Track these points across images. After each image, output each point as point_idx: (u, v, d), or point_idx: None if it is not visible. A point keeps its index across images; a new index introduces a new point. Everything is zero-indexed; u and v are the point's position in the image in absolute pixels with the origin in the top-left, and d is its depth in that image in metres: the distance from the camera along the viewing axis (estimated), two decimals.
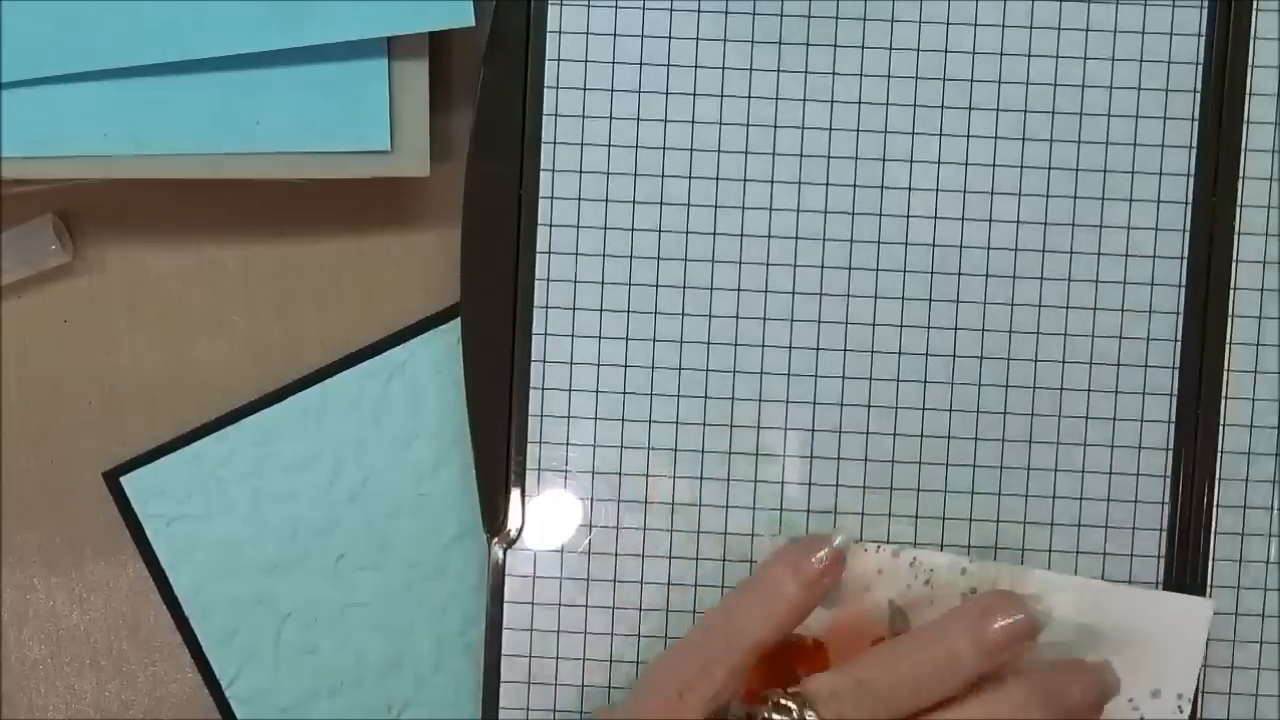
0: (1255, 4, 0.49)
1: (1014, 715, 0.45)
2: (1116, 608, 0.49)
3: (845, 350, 0.50)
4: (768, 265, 0.50)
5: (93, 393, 0.53)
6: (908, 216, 0.50)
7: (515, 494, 0.50)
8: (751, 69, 0.50)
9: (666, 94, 0.50)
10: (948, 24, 0.50)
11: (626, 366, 0.50)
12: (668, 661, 0.47)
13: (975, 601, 0.47)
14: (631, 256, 0.50)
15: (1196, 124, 0.50)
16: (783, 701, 0.44)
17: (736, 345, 0.50)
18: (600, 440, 0.50)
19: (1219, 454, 0.50)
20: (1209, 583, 0.50)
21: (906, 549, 0.50)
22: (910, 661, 0.45)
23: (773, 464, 0.50)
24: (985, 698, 0.45)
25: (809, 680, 0.45)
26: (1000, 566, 0.50)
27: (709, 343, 0.50)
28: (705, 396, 0.50)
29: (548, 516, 0.50)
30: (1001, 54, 0.50)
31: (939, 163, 0.50)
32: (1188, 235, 0.50)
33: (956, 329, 0.50)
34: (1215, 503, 0.50)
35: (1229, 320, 0.50)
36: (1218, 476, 0.50)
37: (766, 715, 0.44)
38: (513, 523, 0.50)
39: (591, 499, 0.50)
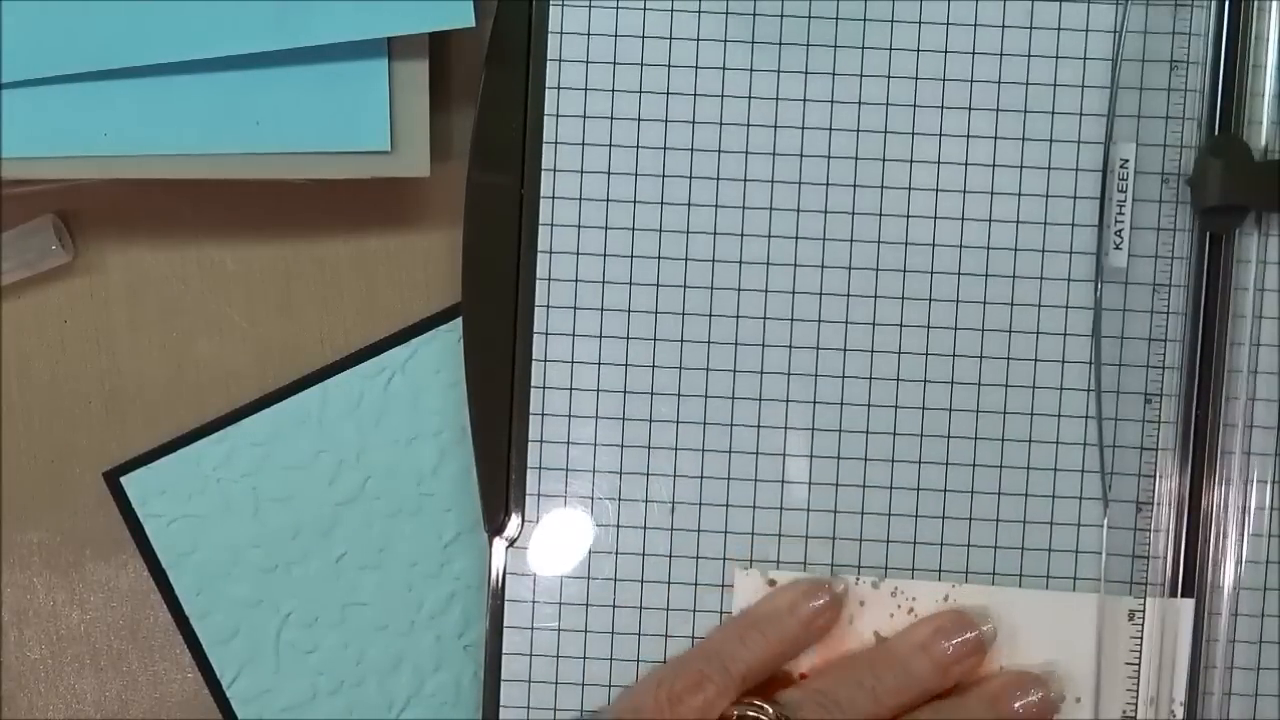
0: (1256, 4, 0.49)
1: None
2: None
3: (845, 350, 0.50)
4: (768, 265, 0.50)
5: (93, 393, 0.53)
6: (908, 216, 0.50)
7: (516, 493, 0.50)
8: (752, 69, 0.50)
9: (667, 94, 0.50)
10: (948, 24, 0.50)
11: (627, 365, 0.50)
12: (663, 673, 0.49)
13: (930, 621, 0.50)
14: (632, 256, 0.50)
15: (1198, 124, 0.50)
16: (760, 703, 0.47)
17: (737, 344, 0.50)
18: (601, 439, 0.50)
19: (1219, 453, 0.50)
20: (1209, 583, 0.50)
21: (887, 579, 0.50)
22: (871, 675, 0.48)
23: (773, 463, 0.50)
24: (938, 707, 0.49)
25: (780, 694, 0.48)
26: (981, 590, 0.50)
27: (709, 342, 0.50)
28: (706, 395, 0.50)
29: (548, 515, 0.50)
30: (1001, 54, 0.50)
31: (939, 163, 0.50)
32: (1189, 235, 0.50)
33: (956, 329, 0.50)
34: (1215, 503, 0.50)
35: (1229, 320, 0.50)
36: (1218, 476, 0.50)
37: (739, 713, 0.47)
38: (513, 522, 0.50)
39: (592, 498, 0.50)
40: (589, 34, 0.50)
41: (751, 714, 0.47)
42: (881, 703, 0.48)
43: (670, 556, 0.50)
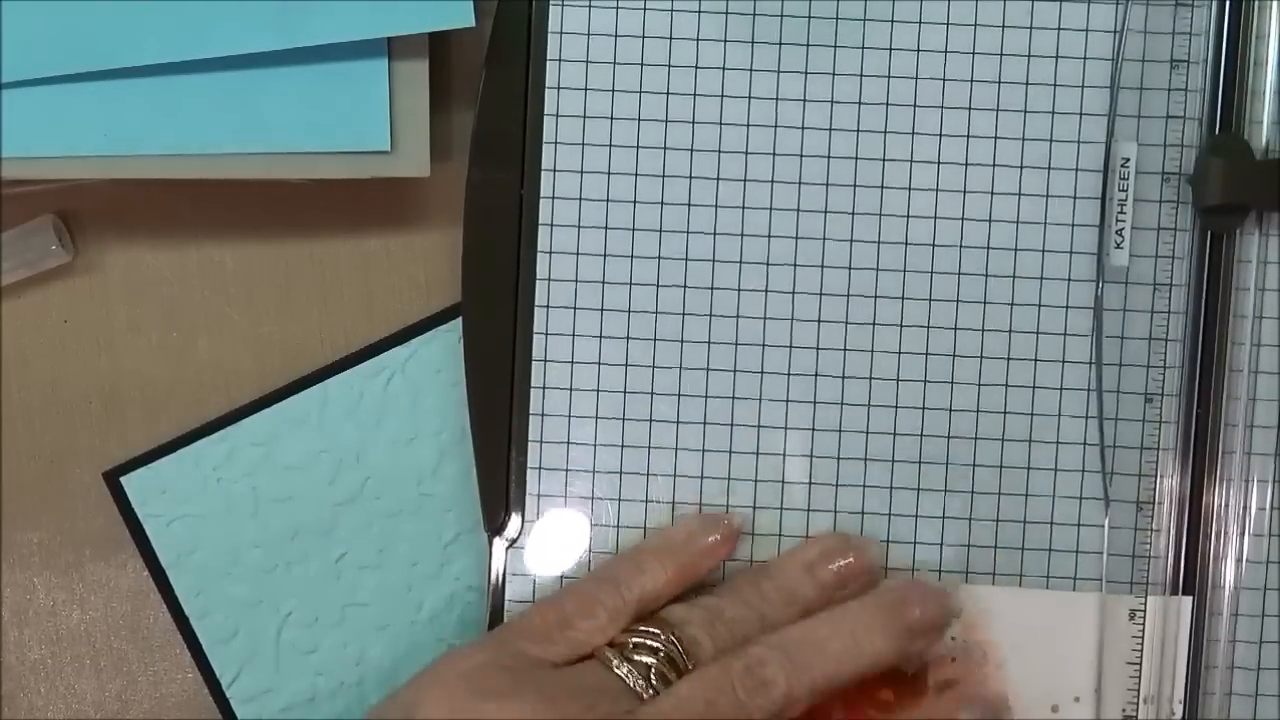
0: (1256, 3, 0.49)
1: (855, 632, 0.47)
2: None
3: (845, 350, 0.50)
4: (768, 265, 0.50)
5: (93, 393, 0.53)
6: (908, 216, 0.50)
7: (516, 493, 0.50)
8: (752, 69, 0.50)
9: (667, 94, 0.50)
10: (948, 24, 0.50)
11: (627, 366, 0.50)
12: (555, 594, 0.48)
13: (812, 543, 0.50)
14: (632, 256, 0.50)
15: (1199, 123, 0.50)
16: (650, 629, 0.46)
17: (737, 345, 0.50)
18: (601, 439, 0.50)
19: (1220, 453, 0.50)
20: (1209, 582, 0.50)
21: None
22: (758, 595, 0.48)
23: (773, 463, 0.50)
24: (828, 616, 0.48)
25: (665, 610, 0.47)
26: (981, 590, 0.50)
27: (710, 342, 0.50)
28: (706, 396, 0.50)
29: (548, 516, 0.50)
30: (1002, 54, 0.50)
31: (939, 163, 0.50)
32: (1190, 234, 0.50)
33: (957, 329, 0.50)
34: (1216, 502, 0.50)
35: (1229, 320, 0.50)
36: (1218, 476, 0.50)
37: (635, 640, 0.46)
38: (513, 522, 0.50)
39: (592, 498, 0.50)
40: (589, 34, 0.50)
41: (646, 641, 0.46)
42: (768, 620, 0.47)
43: None
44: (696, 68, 0.50)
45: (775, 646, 0.46)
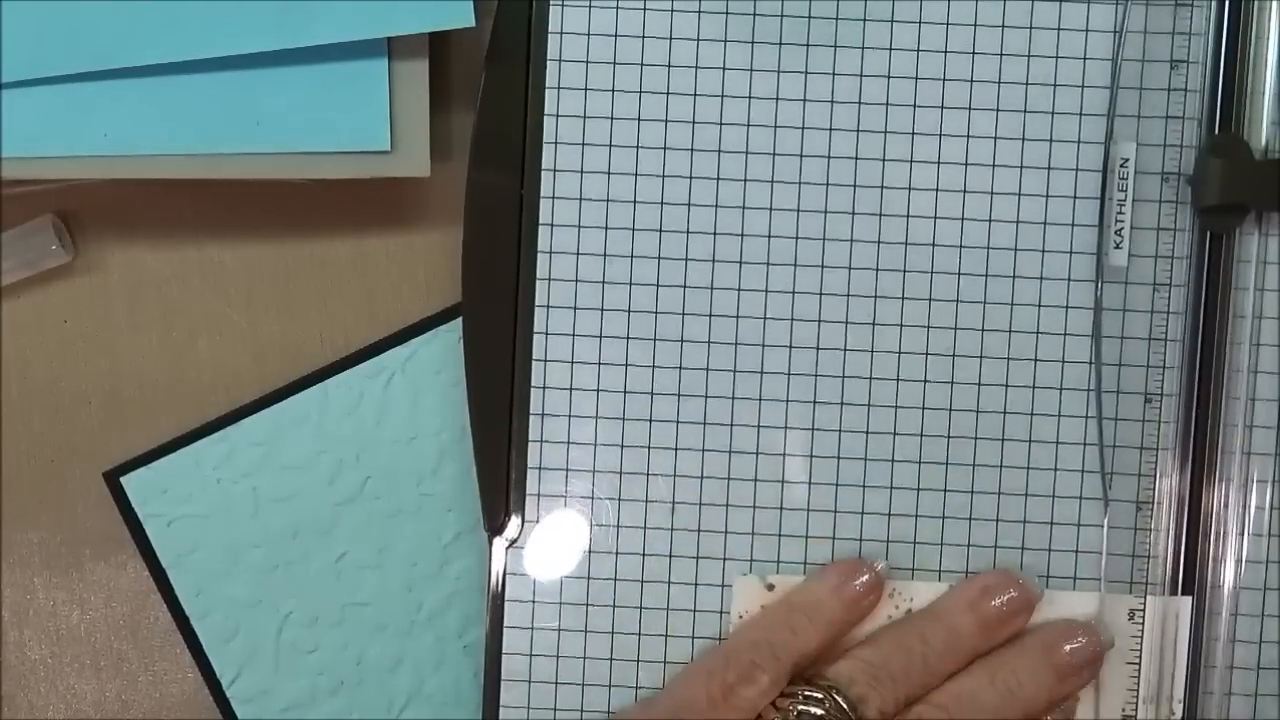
0: (1256, 3, 0.49)
1: (1010, 680, 0.48)
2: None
3: (845, 350, 0.50)
4: (768, 265, 0.50)
5: (93, 393, 0.53)
6: (908, 216, 0.50)
7: (516, 493, 0.50)
8: (752, 69, 0.50)
9: (667, 94, 0.50)
10: (948, 24, 0.50)
11: (627, 365, 0.50)
12: (711, 664, 0.48)
13: (974, 581, 0.50)
14: (632, 256, 0.50)
15: (1198, 123, 0.50)
16: (811, 693, 0.46)
17: (737, 344, 0.50)
18: (601, 439, 0.50)
19: (1219, 453, 0.50)
20: (1209, 582, 0.50)
21: (885, 581, 0.50)
22: (920, 640, 0.48)
23: (773, 463, 0.50)
24: (985, 667, 0.48)
25: (829, 669, 0.48)
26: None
27: (709, 342, 0.50)
28: (706, 396, 0.50)
29: (548, 515, 0.50)
30: (1001, 54, 0.50)
31: (939, 163, 0.50)
32: (1189, 234, 0.50)
33: (956, 329, 0.50)
34: (1215, 502, 0.50)
35: (1229, 320, 0.50)
36: (1217, 476, 0.50)
37: (800, 708, 0.46)
38: (513, 522, 0.50)
39: (592, 498, 0.50)
40: (589, 34, 0.50)
41: (810, 708, 0.46)
42: (932, 668, 0.48)
43: (670, 556, 0.50)
44: (696, 68, 0.50)
45: (939, 707, 0.47)
